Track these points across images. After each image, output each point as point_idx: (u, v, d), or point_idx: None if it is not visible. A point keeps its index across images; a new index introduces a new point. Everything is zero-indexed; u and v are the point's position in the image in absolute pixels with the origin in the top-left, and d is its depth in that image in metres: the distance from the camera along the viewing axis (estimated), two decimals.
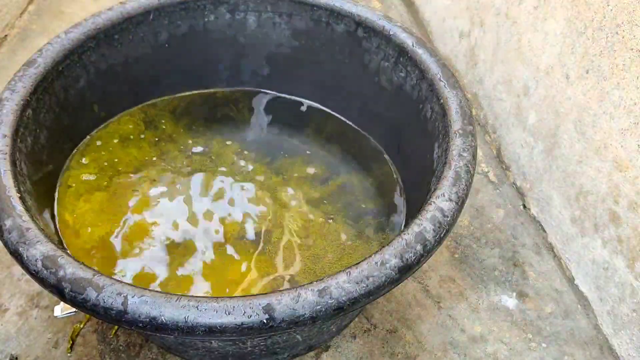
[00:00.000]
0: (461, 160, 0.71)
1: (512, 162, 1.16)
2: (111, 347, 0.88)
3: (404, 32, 0.90)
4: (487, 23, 1.20)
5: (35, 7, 1.56)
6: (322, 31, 0.99)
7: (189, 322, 0.55)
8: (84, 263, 0.60)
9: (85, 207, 0.86)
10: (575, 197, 0.97)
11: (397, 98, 0.94)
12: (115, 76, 0.95)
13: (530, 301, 0.98)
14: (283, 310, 0.56)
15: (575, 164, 0.96)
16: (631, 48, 0.81)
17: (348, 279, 0.59)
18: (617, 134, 0.85)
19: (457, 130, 0.75)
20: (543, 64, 1.01)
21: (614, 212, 0.88)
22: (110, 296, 0.56)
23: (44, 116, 0.81)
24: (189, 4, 0.98)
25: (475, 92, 1.28)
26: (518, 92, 1.10)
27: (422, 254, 0.63)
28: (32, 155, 0.77)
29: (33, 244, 0.60)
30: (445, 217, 0.65)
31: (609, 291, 0.91)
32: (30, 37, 1.46)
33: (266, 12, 1.01)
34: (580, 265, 0.98)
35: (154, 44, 0.98)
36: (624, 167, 0.84)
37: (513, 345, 0.92)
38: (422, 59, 0.86)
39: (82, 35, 0.87)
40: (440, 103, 0.80)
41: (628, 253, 0.86)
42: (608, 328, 0.93)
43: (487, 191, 1.15)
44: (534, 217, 1.10)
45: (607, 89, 0.86)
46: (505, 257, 1.04)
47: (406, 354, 0.90)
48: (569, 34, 0.94)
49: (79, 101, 0.90)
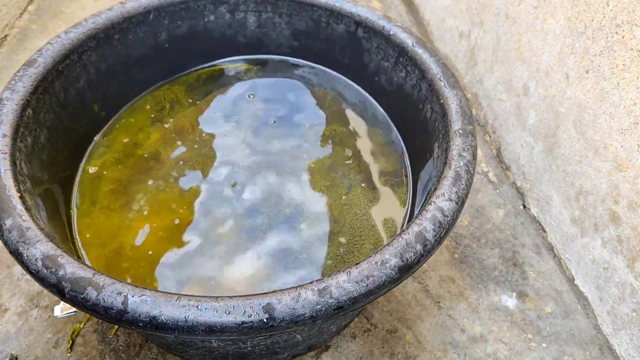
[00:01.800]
0: (461, 160, 0.71)
1: (512, 162, 1.16)
2: (111, 347, 0.88)
3: (404, 32, 0.90)
4: (487, 23, 1.20)
5: (35, 7, 1.56)
6: (322, 31, 1.00)
7: (189, 322, 0.55)
8: (84, 262, 0.60)
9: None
10: (575, 197, 0.97)
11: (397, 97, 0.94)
12: (115, 76, 0.95)
13: (530, 301, 0.98)
14: (283, 310, 0.56)
15: (575, 163, 0.96)
16: (631, 48, 0.81)
17: (348, 279, 0.59)
18: (617, 133, 0.85)
19: (457, 130, 0.75)
20: (543, 64, 1.01)
21: (613, 212, 0.88)
22: (111, 295, 0.56)
23: (44, 116, 0.81)
24: (189, 4, 0.98)
25: (475, 92, 1.28)
26: (518, 92, 1.10)
27: (422, 254, 0.63)
28: (32, 155, 0.77)
29: (33, 243, 0.60)
30: (445, 217, 0.65)
31: (609, 291, 0.91)
32: (30, 37, 1.46)
33: (266, 12, 1.01)
34: (580, 265, 0.98)
35: (154, 44, 0.99)
36: (624, 167, 0.84)
37: (513, 345, 0.92)
38: (422, 59, 0.86)
39: (82, 35, 0.87)
40: (440, 103, 0.80)
41: (628, 253, 0.86)
42: (608, 328, 0.93)
43: (487, 191, 1.15)
44: (534, 217, 1.10)
45: (607, 89, 0.86)
46: (505, 257, 1.04)
47: (406, 354, 0.90)
48: (569, 34, 0.94)
49: (79, 101, 0.90)
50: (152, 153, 0.96)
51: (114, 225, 0.85)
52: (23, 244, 0.60)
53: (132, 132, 0.98)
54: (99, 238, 0.83)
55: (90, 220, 0.85)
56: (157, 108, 1.02)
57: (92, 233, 0.84)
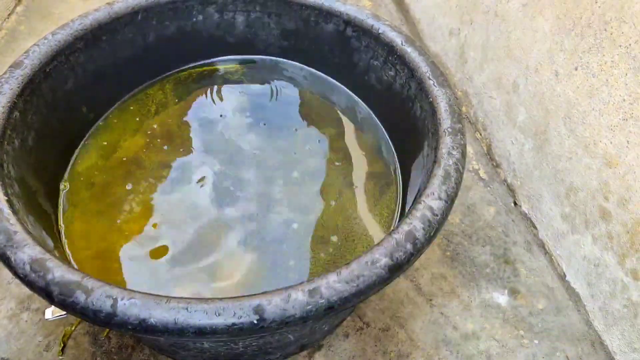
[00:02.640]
0: (451, 159, 0.71)
1: (502, 160, 1.16)
2: (103, 349, 0.87)
3: (393, 31, 0.90)
4: (476, 21, 1.20)
5: (24, 8, 1.55)
6: (311, 30, 0.99)
7: (179, 324, 0.55)
8: (72, 266, 0.60)
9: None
10: (565, 193, 0.97)
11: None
12: (103, 77, 0.95)
13: (522, 298, 0.98)
14: (273, 311, 0.56)
15: (565, 160, 0.96)
16: (619, 45, 0.81)
17: (338, 279, 0.59)
18: (606, 130, 0.85)
19: (447, 129, 0.75)
20: (532, 61, 1.01)
21: (604, 208, 0.88)
22: (100, 299, 0.56)
23: (32, 118, 0.80)
24: (177, 4, 0.97)
25: (466, 90, 1.28)
26: (508, 89, 1.10)
27: (412, 253, 0.62)
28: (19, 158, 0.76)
29: (21, 247, 0.60)
30: (435, 216, 0.65)
31: (600, 287, 0.92)
32: (18, 38, 1.45)
33: (255, 11, 1.01)
34: (571, 262, 0.98)
35: (142, 44, 0.98)
36: (614, 164, 0.85)
37: (505, 342, 0.92)
38: (411, 58, 0.86)
39: (70, 37, 0.86)
40: (430, 101, 0.80)
41: (618, 249, 0.86)
42: (599, 324, 0.93)
43: (478, 189, 1.15)
44: (524, 214, 1.10)
45: (596, 86, 0.87)
46: (496, 254, 1.04)
47: (399, 352, 0.90)
48: (558, 32, 0.94)
49: (67, 103, 0.89)
50: (135, 156, 0.95)
51: (102, 227, 0.85)
52: (11, 247, 0.60)
53: (117, 134, 0.97)
54: (86, 241, 0.83)
55: (77, 223, 0.85)
56: (143, 111, 1.01)
57: (80, 236, 0.84)
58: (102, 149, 0.95)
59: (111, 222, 0.86)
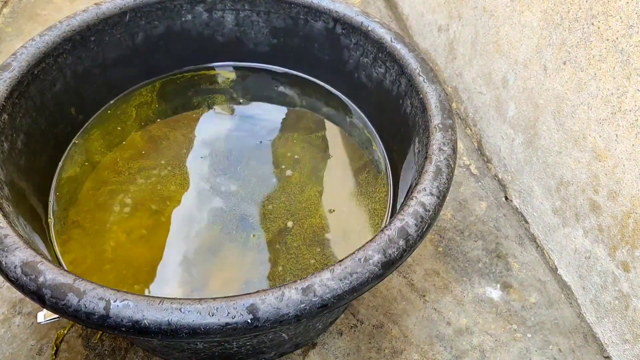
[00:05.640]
0: (442, 155, 0.71)
1: (493, 155, 1.17)
2: (96, 352, 0.87)
3: (382, 28, 0.90)
4: (465, 17, 1.20)
5: (10, 10, 1.53)
6: (300, 28, 0.99)
7: (172, 325, 0.55)
8: (64, 268, 0.59)
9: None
10: (555, 187, 0.98)
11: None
12: (92, 79, 0.94)
13: (514, 292, 0.99)
14: (267, 310, 0.56)
15: (555, 154, 0.96)
16: (607, 39, 0.81)
17: (332, 276, 0.59)
18: (595, 124, 0.86)
19: (437, 125, 0.75)
20: (521, 56, 1.02)
21: (594, 201, 0.89)
22: (92, 301, 0.55)
23: (21, 121, 0.80)
24: (165, 4, 0.97)
25: (455, 86, 1.28)
26: (497, 84, 1.11)
27: (405, 249, 0.63)
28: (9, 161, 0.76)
29: (12, 250, 0.59)
30: (427, 212, 0.66)
31: (592, 280, 0.92)
32: (5, 40, 1.44)
33: (244, 10, 1.01)
34: (563, 255, 0.99)
35: (131, 45, 0.97)
36: (603, 157, 0.85)
37: (498, 336, 0.93)
38: (401, 54, 0.86)
39: (58, 38, 0.86)
40: (420, 98, 0.80)
41: (609, 242, 0.87)
42: (591, 316, 0.94)
43: (469, 184, 1.15)
44: (516, 209, 1.11)
45: (584, 80, 0.87)
46: (488, 249, 1.04)
47: (393, 349, 0.90)
48: (546, 26, 0.94)
49: (56, 105, 0.89)
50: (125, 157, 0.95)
51: (93, 229, 0.85)
52: (1, 251, 0.59)
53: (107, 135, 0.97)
54: (78, 242, 0.83)
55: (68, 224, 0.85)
56: (130, 113, 1.01)
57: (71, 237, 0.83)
58: (93, 150, 0.94)
59: (103, 223, 0.86)
